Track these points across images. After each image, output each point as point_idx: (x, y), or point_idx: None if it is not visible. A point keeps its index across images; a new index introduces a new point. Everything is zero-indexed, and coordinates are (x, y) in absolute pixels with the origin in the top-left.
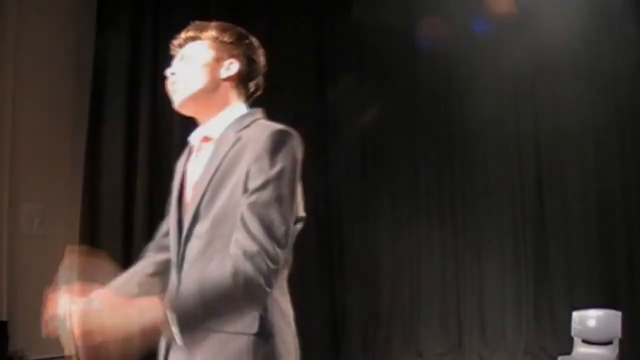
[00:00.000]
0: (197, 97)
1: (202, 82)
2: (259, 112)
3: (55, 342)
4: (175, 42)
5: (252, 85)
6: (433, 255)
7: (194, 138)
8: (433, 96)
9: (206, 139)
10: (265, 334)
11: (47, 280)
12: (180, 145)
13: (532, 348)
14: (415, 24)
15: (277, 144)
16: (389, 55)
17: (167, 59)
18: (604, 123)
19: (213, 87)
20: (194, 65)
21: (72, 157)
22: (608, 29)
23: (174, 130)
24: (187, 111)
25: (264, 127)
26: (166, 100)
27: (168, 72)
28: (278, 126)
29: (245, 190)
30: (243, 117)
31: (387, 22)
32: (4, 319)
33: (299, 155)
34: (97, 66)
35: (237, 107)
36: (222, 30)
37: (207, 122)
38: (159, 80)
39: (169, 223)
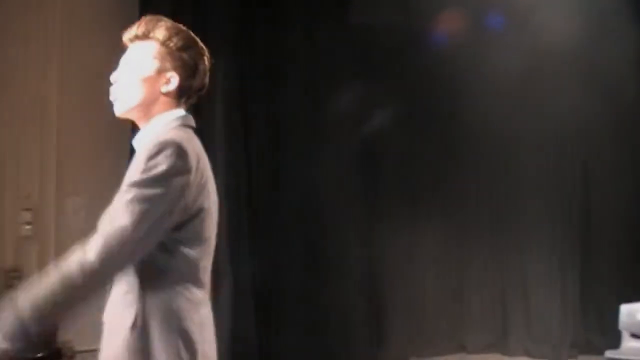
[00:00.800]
0: (134, 110)
1: (141, 97)
2: (185, 120)
3: (99, 334)
4: (126, 35)
5: (192, 94)
6: (477, 247)
7: (134, 142)
8: (473, 94)
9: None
10: (141, 330)
11: None
12: (222, 128)
13: (578, 341)
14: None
15: (152, 153)
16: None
17: (211, 38)
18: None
19: (151, 100)
20: (136, 76)
21: (116, 151)
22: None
23: (216, 122)
24: (127, 118)
25: (157, 138)
26: (209, 94)
27: (112, 78)
28: (165, 137)
29: None
30: (167, 125)
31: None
32: None
33: (179, 162)
34: None
35: (167, 116)
36: (173, 33)
37: (143, 127)
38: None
39: None
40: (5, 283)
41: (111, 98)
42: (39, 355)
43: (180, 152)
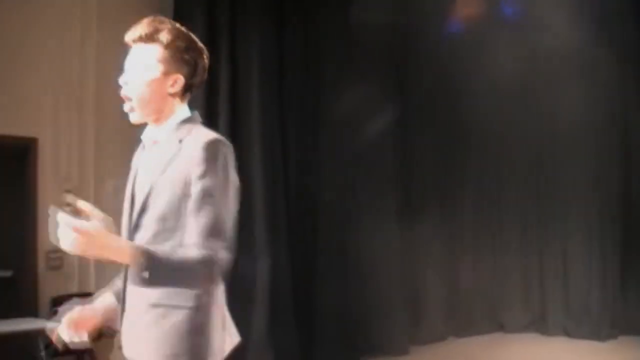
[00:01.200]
0: (147, 114)
1: (152, 102)
2: (197, 118)
3: None
4: (130, 36)
5: (193, 90)
6: (515, 226)
7: (146, 138)
8: (515, 86)
9: (155, 141)
10: (199, 307)
11: None
12: (260, 104)
13: (619, 322)
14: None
15: (211, 153)
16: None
17: (245, 28)
18: None
19: (161, 102)
20: (143, 79)
21: None
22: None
23: (253, 99)
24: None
25: (201, 136)
26: (245, 72)
27: (121, 81)
28: (211, 136)
29: (187, 194)
30: (184, 122)
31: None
32: (93, 290)
33: (230, 158)
34: None
35: (180, 112)
36: (175, 36)
37: (156, 126)
38: (237, 50)
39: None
40: (47, 264)
41: (126, 109)
42: None
43: (230, 148)
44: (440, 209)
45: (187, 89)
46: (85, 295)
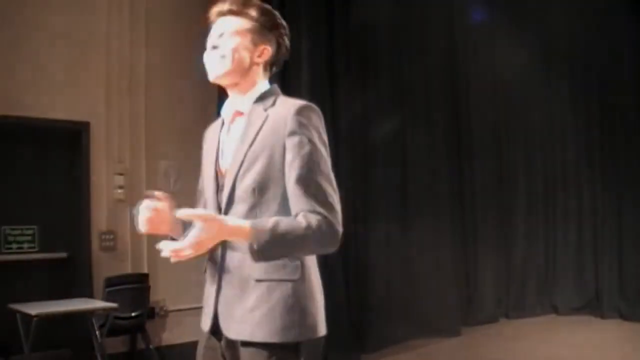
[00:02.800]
0: (232, 74)
1: (239, 62)
2: (277, 89)
3: (191, 294)
4: (218, 8)
5: (275, 67)
6: (569, 208)
7: (227, 112)
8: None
9: (238, 113)
10: (303, 279)
11: None
12: (310, 91)
13: None
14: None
15: (304, 119)
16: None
17: (294, 14)
18: None
19: (247, 68)
20: (233, 44)
21: (202, 117)
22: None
23: (302, 86)
24: (220, 83)
25: (289, 104)
26: (294, 59)
27: (209, 45)
28: (300, 102)
29: (283, 162)
30: (266, 93)
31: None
32: (145, 271)
33: (322, 122)
34: None
35: (262, 84)
36: (263, 13)
37: (237, 98)
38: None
39: (205, 184)
40: (100, 245)
41: (209, 64)
42: (134, 314)
43: (320, 113)
44: (494, 192)
45: (271, 63)
46: (139, 275)
